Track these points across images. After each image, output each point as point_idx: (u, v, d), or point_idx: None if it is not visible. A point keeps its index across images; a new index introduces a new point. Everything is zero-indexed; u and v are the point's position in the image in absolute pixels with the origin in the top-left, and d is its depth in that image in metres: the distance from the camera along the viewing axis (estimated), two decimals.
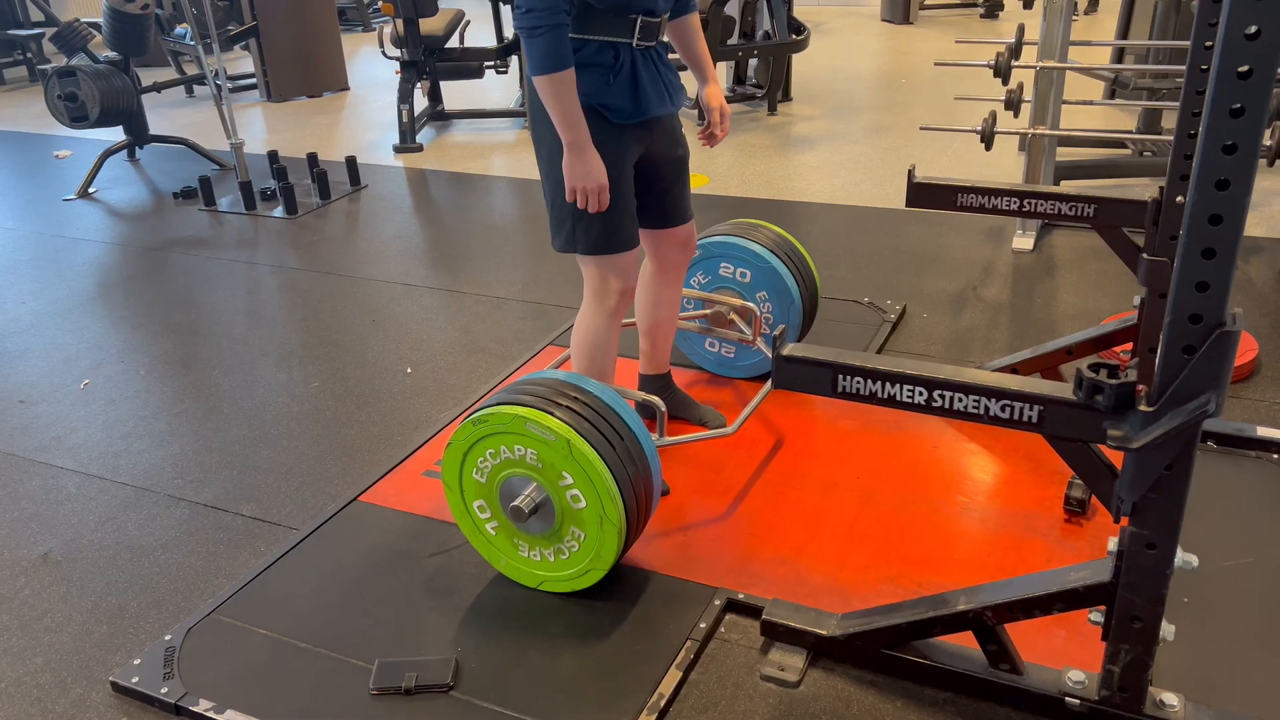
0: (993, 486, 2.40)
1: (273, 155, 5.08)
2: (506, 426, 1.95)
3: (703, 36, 2.37)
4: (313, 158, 5.04)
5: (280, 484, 2.56)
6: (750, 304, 2.69)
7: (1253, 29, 1.20)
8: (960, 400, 1.53)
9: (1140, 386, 1.42)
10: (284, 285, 3.94)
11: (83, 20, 5.45)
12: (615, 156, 2.11)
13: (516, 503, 1.97)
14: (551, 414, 1.92)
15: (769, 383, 2.37)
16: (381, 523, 2.36)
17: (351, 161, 5.08)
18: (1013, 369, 2.61)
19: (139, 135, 5.42)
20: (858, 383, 1.59)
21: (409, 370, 3.13)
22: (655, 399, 2.27)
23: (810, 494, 2.38)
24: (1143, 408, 1.39)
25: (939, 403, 1.54)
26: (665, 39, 2.19)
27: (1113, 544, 1.56)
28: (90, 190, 5.13)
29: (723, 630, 1.99)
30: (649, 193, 2.30)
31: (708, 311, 2.82)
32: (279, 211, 4.69)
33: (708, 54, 2.36)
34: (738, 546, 2.21)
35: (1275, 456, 2.39)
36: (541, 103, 2.03)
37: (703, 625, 1.97)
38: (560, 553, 2.04)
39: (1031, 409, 1.48)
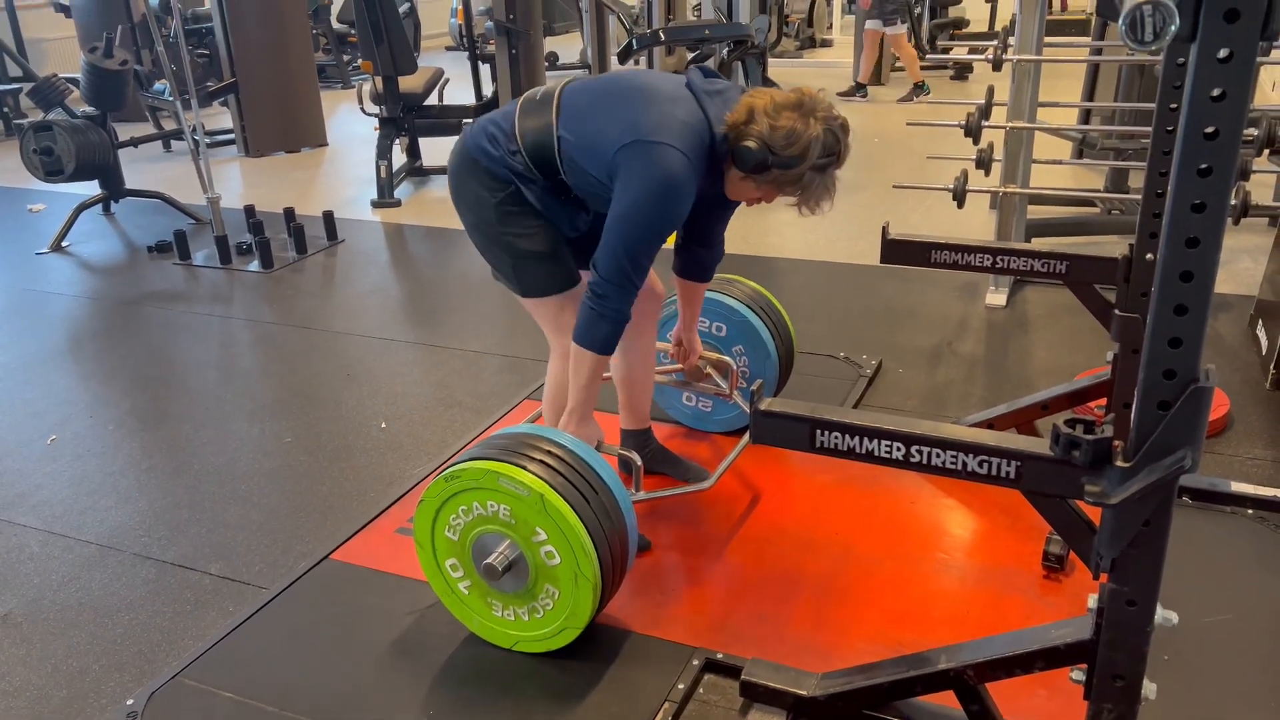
0: (971, 542, 2.39)
1: (249, 210, 5.08)
2: (479, 482, 1.92)
3: (702, 298, 2.51)
4: (289, 212, 5.04)
5: (250, 542, 2.51)
6: (726, 358, 2.69)
7: (1218, 91, 1.22)
8: (938, 455, 1.53)
9: (1116, 442, 1.42)
10: (258, 340, 3.91)
11: (61, 76, 5.46)
12: (553, 207, 2.16)
13: (490, 560, 1.94)
14: (525, 468, 1.89)
15: (746, 437, 2.37)
16: (353, 581, 2.31)
17: (329, 216, 5.08)
18: (989, 424, 2.62)
19: (115, 189, 5.40)
20: (836, 438, 1.59)
21: (383, 425, 3.09)
22: (631, 454, 2.25)
23: (789, 550, 2.36)
24: (1119, 463, 1.39)
25: (917, 458, 1.54)
26: None
27: (1092, 601, 1.55)
28: (64, 244, 5.09)
29: (701, 691, 1.95)
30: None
31: (684, 366, 2.81)
32: (254, 266, 4.67)
33: (699, 310, 2.53)
34: (716, 604, 2.18)
35: (1250, 512, 2.40)
36: (463, 177, 2.16)
37: (680, 686, 1.93)
38: (534, 611, 2.00)
39: (1009, 464, 1.48)
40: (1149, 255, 2.21)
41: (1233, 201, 3.24)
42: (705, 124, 1.98)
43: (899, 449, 1.55)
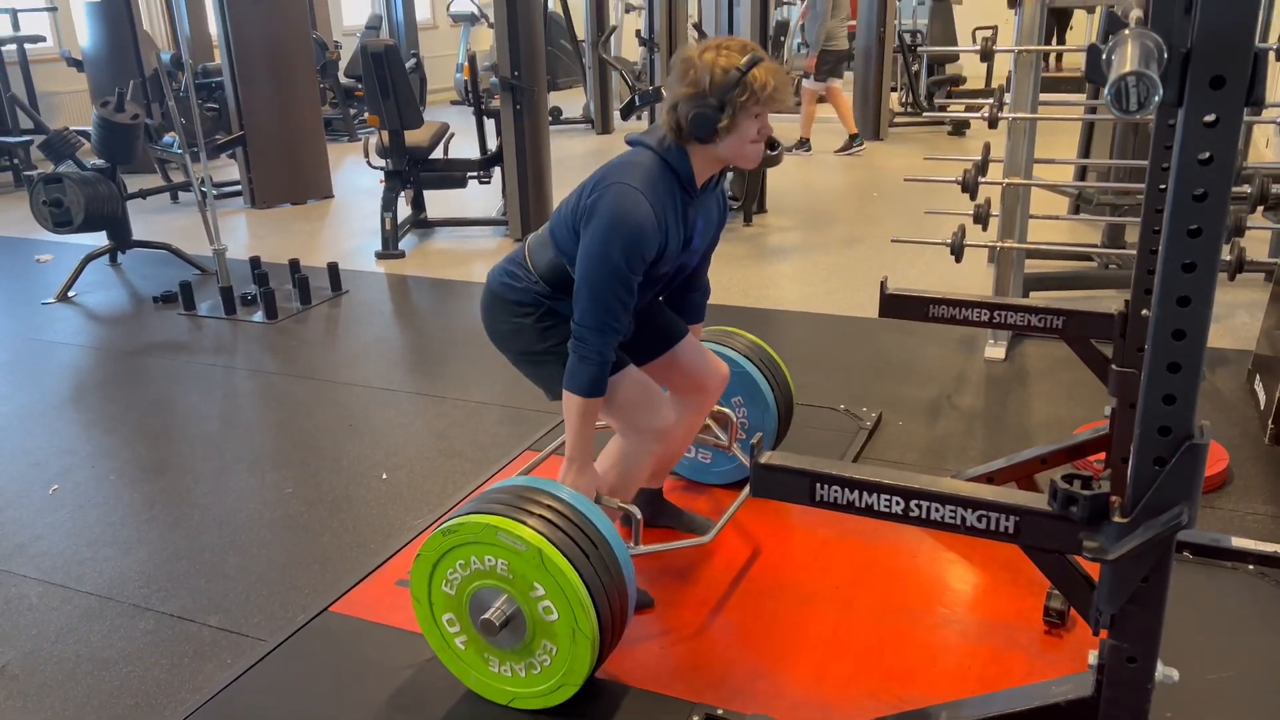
0: (972, 597, 2.38)
1: (255, 261, 5.13)
2: (477, 536, 1.92)
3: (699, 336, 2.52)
4: (294, 263, 5.09)
5: (249, 593, 2.51)
6: (726, 410, 2.70)
7: (1205, 155, 1.25)
8: (937, 510, 1.53)
9: (1114, 498, 1.43)
10: (261, 390, 3.93)
11: (72, 129, 5.54)
12: None
13: (487, 615, 1.93)
14: (523, 523, 1.90)
15: (746, 489, 2.37)
16: (352, 634, 2.30)
17: (333, 267, 5.13)
18: (988, 478, 2.63)
19: (122, 240, 5.46)
20: (835, 492, 1.60)
21: (384, 476, 3.10)
22: (631, 507, 2.26)
23: (789, 605, 2.35)
24: (1117, 519, 1.40)
25: (916, 512, 1.55)
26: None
27: (1093, 657, 1.55)
28: (70, 294, 5.14)
29: None
30: (645, 328, 2.33)
31: None
32: (259, 316, 4.71)
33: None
34: (716, 659, 2.17)
35: (1251, 567, 2.40)
36: (495, 314, 2.23)
37: None
38: (532, 667, 1.99)
39: (1008, 519, 1.48)
40: (1144, 311, 2.23)
41: (1228, 257, 3.29)
42: (652, 153, 2.05)
43: (898, 503, 1.56)
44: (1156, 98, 1.13)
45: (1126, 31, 1.20)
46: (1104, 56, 1.21)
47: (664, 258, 2.09)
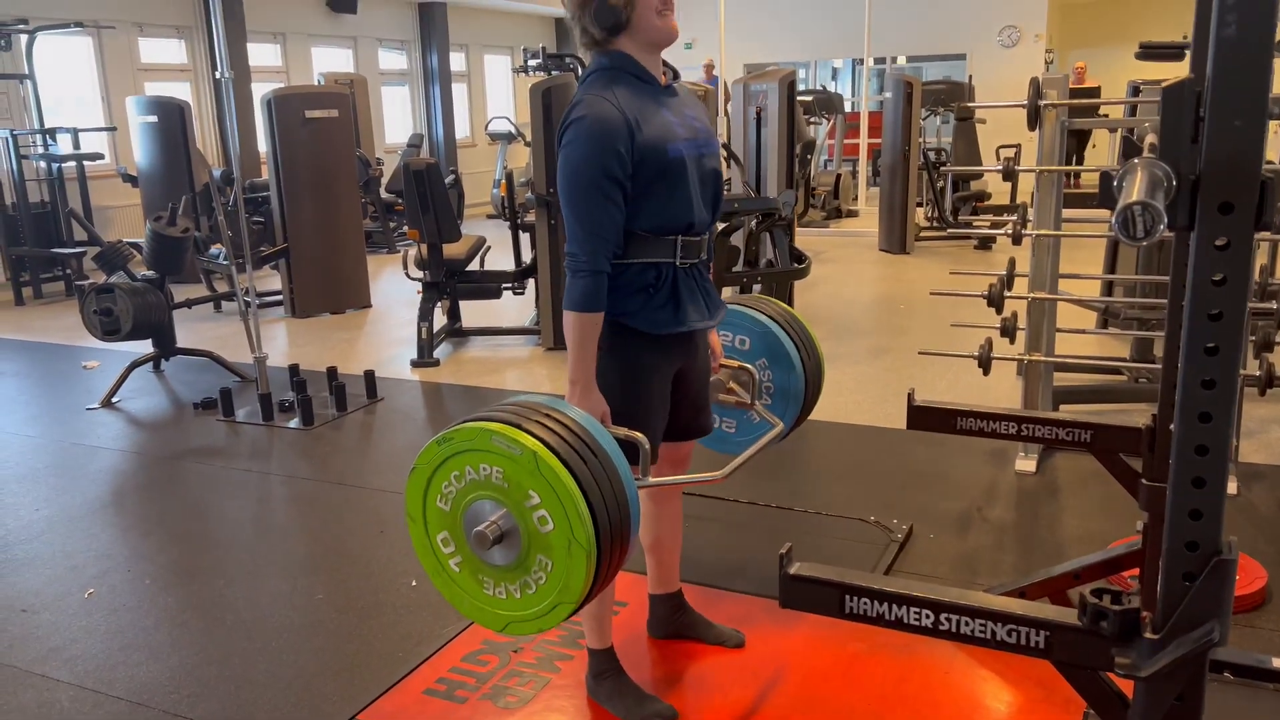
0: (1007, 715, 2.33)
1: (294, 369, 5.25)
2: (473, 443, 1.86)
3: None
4: (332, 371, 5.20)
5: (277, 700, 2.51)
6: (749, 366, 2.57)
7: (1219, 276, 1.30)
8: (967, 624, 1.53)
9: (1145, 613, 1.43)
10: (294, 495, 3.98)
11: (125, 241, 5.78)
12: (652, 367, 2.18)
13: (481, 528, 1.85)
14: (520, 428, 1.83)
15: (763, 439, 2.34)
16: None
17: (369, 375, 5.24)
18: (1020, 593, 2.60)
19: (166, 348, 5.62)
20: (865, 604, 1.60)
21: (414, 583, 3.11)
22: (637, 435, 2.09)
23: None
24: (1148, 635, 1.40)
25: (946, 626, 1.55)
26: (705, 256, 2.26)
27: None
28: (114, 400, 5.27)
29: None
30: (678, 404, 2.31)
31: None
32: (295, 423, 4.80)
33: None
34: None
35: None
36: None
37: None
38: (526, 587, 1.89)
39: (1038, 634, 1.48)
40: (1171, 425, 2.24)
41: (1257, 373, 3.30)
42: (595, 71, 2.10)
43: (928, 617, 1.56)
44: (1161, 226, 1.19)
45: (1136, 161, 1.27)
46: (1115, 184, 1.27)
47: (656, 144, 2.06)
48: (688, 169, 2.13)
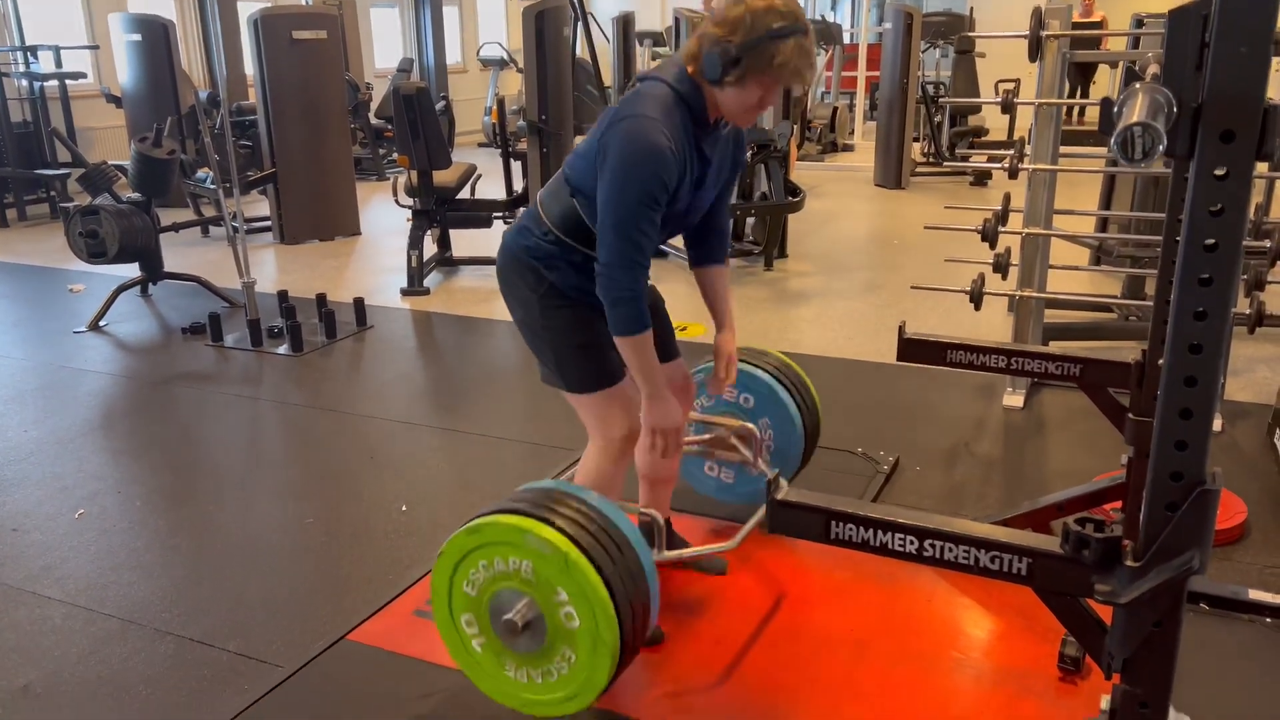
0: (987, 643, 2.38)
1: (282, 295, 5.22)
2: (503, 538, 1.92)
3: (728, 286, 2.43)
4: (321, 298, 5.17)
5: (269, 620, 2.54)
6: (752, 426, 2.69)
7: (1217, 206, 1.29)
8: (951, 550, 1.55)
9: (1126, 542, 1.44)
10: (285, 421, 3.99)
11: (110, 163, 5.68)
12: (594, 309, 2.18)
13: (510, 616, 1.91)
14: (550, 524, 1.88)
15: (763, 510, 2.38)
16: (368, 663, 2.33)
17: (359, 303, 5.21)
18: (1004, 524, 2.63)
19: (153, 272, 5.57)
20: (850, 529, 1.62)
21: (404, 508, 3.13)
22: (653, 512, 2.27)
23: (804, 648, 2.36)
24: (1129, 563, 1.42)
25: (930, 552, 1.57)
26: None
27: (1105, 702, 1.56)
28: (101, 324, 5.24)
29: None
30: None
31: (708, 436, 2.80)
32: (284, 349, 4.78)
33: (730, 304, 2.43)
34: (729, 703, 2.18)
35: (1268, 620, 2.38)
36: (509, 275, 2.22)
37: None
38: (549, 674, 1.97)
39: (1020, 561, 1.50)
40: (1161, 360, 2.25)
41: (1247, 311, 3.30)
42: (667, 86, 2.05)
43: (912, 542, 1.58)
44: (1161, 147, 1.17)
45: (1138, 85, 1.24)
46: (1115, 109, 1.25)
47: (680, 192, 2.08)
48: (689, 216, 2.20)
